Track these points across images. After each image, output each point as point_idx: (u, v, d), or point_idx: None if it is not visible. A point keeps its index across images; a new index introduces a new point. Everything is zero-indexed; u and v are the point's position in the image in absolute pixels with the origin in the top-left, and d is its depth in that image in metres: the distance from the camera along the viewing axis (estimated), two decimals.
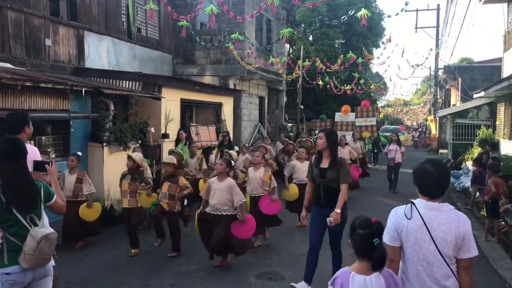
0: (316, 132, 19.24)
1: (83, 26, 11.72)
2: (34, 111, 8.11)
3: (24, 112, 5.59)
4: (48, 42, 10.53)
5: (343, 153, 11.28)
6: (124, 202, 7.10)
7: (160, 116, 11.23)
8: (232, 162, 7.14)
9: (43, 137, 8.55)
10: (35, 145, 8.29)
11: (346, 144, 12.63)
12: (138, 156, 7.28)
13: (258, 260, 6.77)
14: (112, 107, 9.70)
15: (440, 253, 2.80)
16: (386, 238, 2.90)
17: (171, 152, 8.44)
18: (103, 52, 12.55)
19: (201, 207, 6.46)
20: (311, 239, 5.47)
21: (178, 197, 6.81)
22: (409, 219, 2.89)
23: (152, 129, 10.61)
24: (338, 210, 5.10)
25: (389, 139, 14.19)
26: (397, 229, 2.92)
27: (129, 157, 7.14)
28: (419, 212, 2.87)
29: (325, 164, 5.29)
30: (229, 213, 6.22)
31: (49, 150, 8.49)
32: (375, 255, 2.68)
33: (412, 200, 2.94)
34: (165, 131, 11.31)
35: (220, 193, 6.19)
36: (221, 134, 13.03)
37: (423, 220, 2.84)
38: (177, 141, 11.21)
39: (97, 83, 10.34)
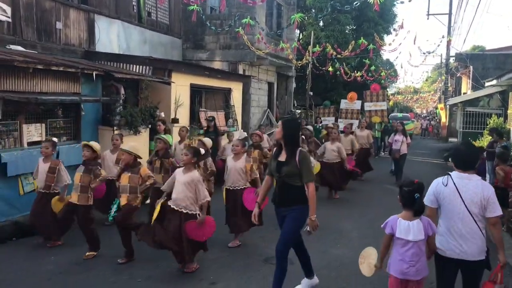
0: (325, 120, 18.88)
1: (94, 9, 11.72)
2: (45, 94, 8.18)
3: None
4: (59, 25, 10.54)
5: (344, 142, 10.96)
6: (73, 197, 6.21)
7: (170, 101, 11.26)
8: (203, 150, 6.09)
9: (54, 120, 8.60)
10: (46, 128, 8.39)
11: (352, 133, 12.19)
12: (96, 145, 6.46)
13: (266, 244, 6.81)
14: (122, 91, 9.74)
15: (469, 212, 3.73)
16: (427, 201, 3.94)
17: (156, 139, 7.33)
18: (114, 36, 12.56)
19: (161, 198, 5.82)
20: None
21: (140, 189, 5.99)
22: (445, 186, 3.85)
23: (162, 114, 10.64)
24: (312, 217, 4.61)
25: (395, 128, 12.98)
26: (436, 194, 3.91)
27: (86, 146, 6.33)
28: (453, 181, 3.82)
29: (283, 157, 4.68)
30: (188, 212, 5.45)
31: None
32: (415, 206, 3.80)
33: (449, 172, 3.90)
34: (175, 116, 11.34)
35: (180, 187, 5.46)
36: (205, 119, 12.17)
37: (456, 187, 3.79)
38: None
39: (108, 67, 10.37)
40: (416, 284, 3.82)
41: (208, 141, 7.71)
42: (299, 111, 22.63)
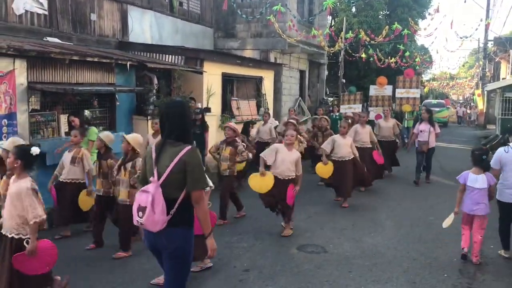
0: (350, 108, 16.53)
1: (127, 0, 11.84)
2: (81, 84, 8.35)
3: None
4: (93, 16, 10.72)
5: (361, 134, 9.81)
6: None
7: (202, 90, 11.31)
8: (36, 150, 4.24)
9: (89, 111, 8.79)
10: (83, 118, 8.59)
11: (369, 122, 10.82)
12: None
13: (299, 232, 6.81)
14: (155, 81, 9.84)
15: None
16: (492, 164, 5.74)
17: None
18: (146, 26, 12.67)
19: None
20: None
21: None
22: (507, 152, 5.71)
23: (199, 104, 10.70)
24: (209, 243, 3.39)
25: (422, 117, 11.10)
26: (499, 158, 5.73)
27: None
28: None
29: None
30: (15, 236, 4.16)
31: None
32: (483, 164, 5.57)
33: (509, 143, 5.79)
34: (207, 105, 11.40)
35: (7, 201, 4.23)
36: (193, 111, 9.87)
37: None
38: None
39: (141, 57, 10.49)
40: (480, 218, 5.56)
41: (106, 136, 6.21)
42: (332, 99, 22.37)
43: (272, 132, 11.28)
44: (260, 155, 6.93)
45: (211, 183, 4.48)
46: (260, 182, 6.69)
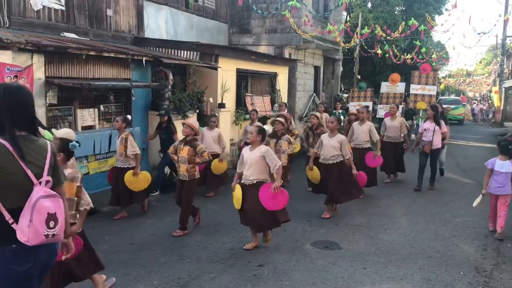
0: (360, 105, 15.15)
1: None
2: (98, 79, 8.43)
3: None
4: (109, 12, 10.79)
5: (357, 133, 8.93)
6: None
7: (216, 85, 11.34)
8: None
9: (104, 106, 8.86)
10: (99, 113, 8.68)
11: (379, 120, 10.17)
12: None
13: (313, 228, 6.80)
14: (171, 77, 9.89)
15: None
16: None
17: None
18: (162, 22, 12.73)
19: None
20: None
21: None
22: None
23: (211, 99, 10.74)
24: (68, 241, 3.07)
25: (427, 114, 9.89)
26: None
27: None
28: None
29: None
30: None
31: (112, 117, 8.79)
32: (509, 152, 6.41)
33: None
34: (221, 101, 11.42)
35: None
36: (157, 114, 9.35)
37: None
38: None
39: (157, 53, 10.54)
40: (505, 197, 6.46)
41: (67, 133, 4.61)
42: (346, 95, 22.23)
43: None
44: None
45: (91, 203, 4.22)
46: (234, 197, 5.92)
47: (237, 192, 5.78)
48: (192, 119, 7.97)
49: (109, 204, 7.51)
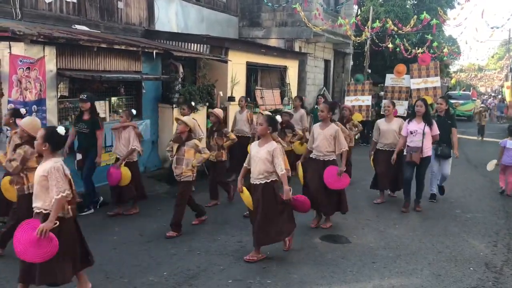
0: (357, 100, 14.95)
1: None
2: (109, 72, 8.46)
3: None
4: (120, 5, 10.81)
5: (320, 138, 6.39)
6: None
7: (226, 79, 11.34)
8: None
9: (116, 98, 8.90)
10: (109, 105, 8.72)
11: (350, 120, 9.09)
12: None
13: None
14: (181, 69, 9.90)
15: None
16: None
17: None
18: (172, 15, 12.73)
19: None
20: None
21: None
22: None
23: (221, 93, 10.75)
24: None
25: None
26: None
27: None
28: None
29: None
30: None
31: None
32: None
33: None
34: (231, 94, 11.42)
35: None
36: (79, 98, 7.23)
37: None
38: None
39: (167, 46, 10.55)
40: None
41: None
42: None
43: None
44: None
45: None
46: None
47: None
48: (218, 109, 7.96)
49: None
